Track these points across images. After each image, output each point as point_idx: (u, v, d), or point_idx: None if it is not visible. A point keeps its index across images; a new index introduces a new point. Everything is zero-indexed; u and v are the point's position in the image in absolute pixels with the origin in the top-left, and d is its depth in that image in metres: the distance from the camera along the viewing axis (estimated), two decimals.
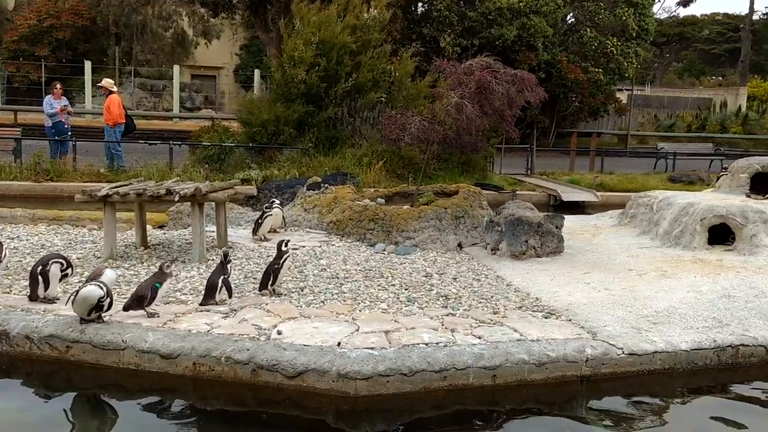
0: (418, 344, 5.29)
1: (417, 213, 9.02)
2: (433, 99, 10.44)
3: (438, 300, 6.61)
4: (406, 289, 6.92)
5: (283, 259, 6.57)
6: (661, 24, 52.15)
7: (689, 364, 5.61)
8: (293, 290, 6.71)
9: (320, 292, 6.68)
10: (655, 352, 5.51)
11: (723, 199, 9.36)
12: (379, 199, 10.04)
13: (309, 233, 9.58)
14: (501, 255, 8.47)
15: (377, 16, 16.46)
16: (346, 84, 15.58)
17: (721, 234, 8.79)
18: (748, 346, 5.79)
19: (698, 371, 5.62)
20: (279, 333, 5.45)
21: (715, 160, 21.22)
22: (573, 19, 28.25)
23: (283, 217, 9.66)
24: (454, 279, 7.43)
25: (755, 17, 55.71)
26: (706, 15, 61.96)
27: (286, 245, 6.72)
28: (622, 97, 31.20)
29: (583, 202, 15.05)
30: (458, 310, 6.30)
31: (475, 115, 8.77)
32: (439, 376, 5.02)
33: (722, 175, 10.98)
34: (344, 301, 6.46)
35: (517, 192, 15.30)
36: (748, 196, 9.62)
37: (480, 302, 6.59)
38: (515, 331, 5.70)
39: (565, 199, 14.89)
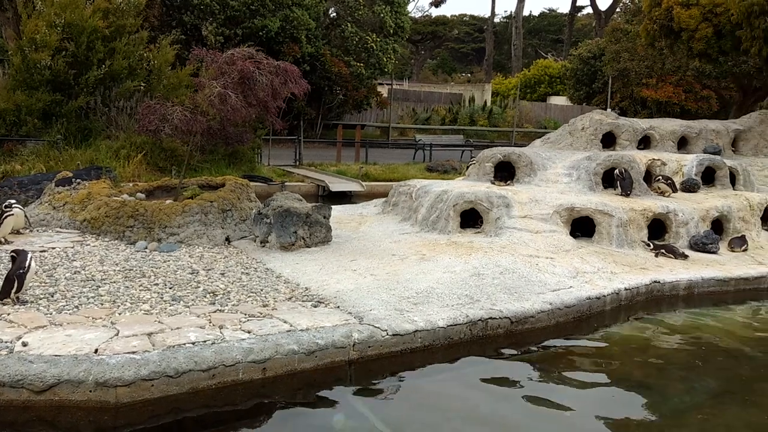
0: (185, 344, 5.08)
1: (181, 207, 8.66)
2: (196, 89, 10.06)
3: (205, 297, 6.41)
4: (170, 288, 6.61)
5: (27, 263, 5.92)
6: (416, 22, 55.53)
7: (446, 340, 6.04)
8: (41, 296, 6.09)
9: (74, 297, 6.14)
10: (416, 330, 5.86)
11: (472, 186, 10.21)
12: (138, 194, 9.48)
13: (59, 233, 8.76)
14: (270, 247, 8.44)
15: (132, 1, 15.48)
16: (98, 71, 14.45)
17: (471, 218, 9.58)
18: (495, 318, 6.38)
19: (454, 345, 6.09)
20: (24, 345, 4.92)
21: (466, 151, 23.07)
22: (335, 14, 29.00)
23: (26, 216, 8.73)
24: (222, 274, 7.26)
25: (496, 20, 61.66)
26: (455, 15, 67.22)
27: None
28: (383, 91, 32.75)
29: (350, 192, 15.55)
30: (227, 305, 6.16)
31: (240, 105, 8.62)
32: (208, 374, 4.88)
33: (471, 164, 11.97)
34: (102, 304, 6.00)
35: (286, 183, 15.37)
36: (492, 183, 10.59)
37: (249, 296, 6.51)
38: (285, 322, 5.71)
39: (333, 190, 15.26)
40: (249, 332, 5.41)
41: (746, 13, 14.81)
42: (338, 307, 6.24)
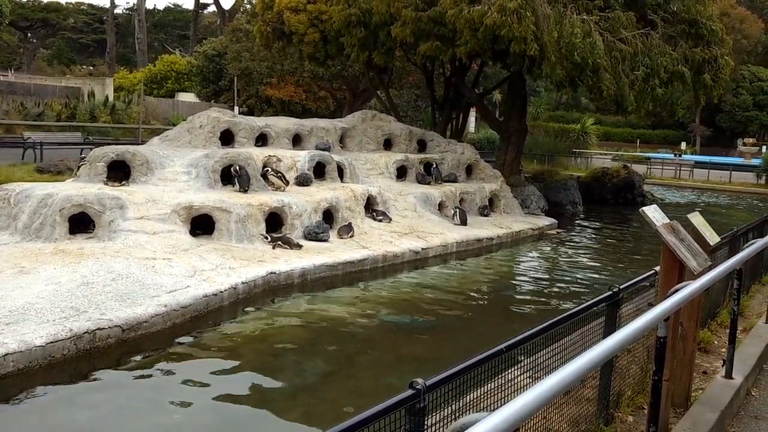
0: None
1: None
2: None
3: None
4: None
5: None
6: (22, 7, 49.88)
7: (47, 359, 5.49)
8: None
9: None
10: (7, 354, 5.21)
11: (82, 188, 9.47)
12: None
13: None
14: None
15: None
16: None
17: (82, 222, 8.89)
18: (104, 328, 6.01)
19: (57, 363, 5.56)
20: None
21: (86, 149, 21.46)
22: None
23: None
24: None
25: (118, 11, 58.54)
26: (71, 3, 61.88)
27: None
28: None
29: None
30: None
31: None
32: None
33: (82, 164, 11.12)
34: None
35: None
36: (106, 184, 9.97)
37: None
38: None
39: None
40: None
41: (346, 22, 16.39)
42: None
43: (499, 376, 2.97)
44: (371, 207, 12.05)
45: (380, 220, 11.83)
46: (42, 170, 16.65)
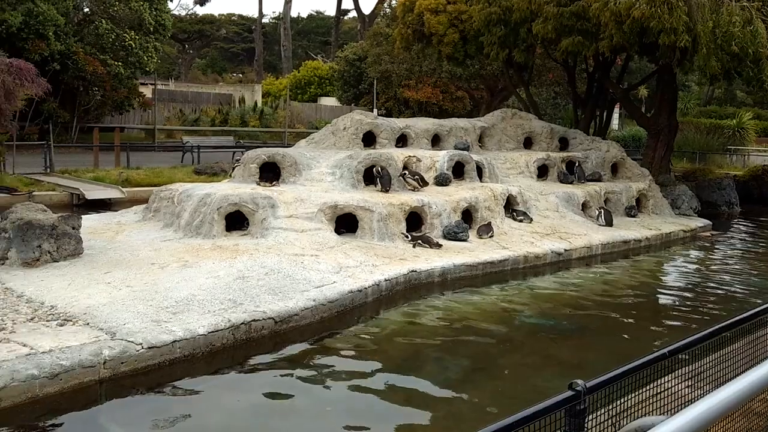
0: None
1: None
2: None
3: None
4: None
5: None
6: (181, 20, 53.70)
7: (208, 347, 5.89)
8: None
9: None
10: (175, 341, 5.64)
11: (237, 188, 10.07)
12: None
13: None
14: (11, 264, 7.61)
15: None
16: None
17: (237, 220, 9.45)
18: (258, 320, 6.36)
19: (217, 351, 5.96)
20: None
21: (237, 152, 22.76)
22: (87, 10, 26.97)
23: None
24: None
25: (265, 20, 61.58)
26: (223, 15, 65.86)
27: None
28: (147, 91, 31.14)
29: (110, 199, 14.57)
30: None
31: None
32: None
33: (236, 166, 11.81)
34: None
35: (35, 193, 13.99)
36: (258, 184, 10.54)
37: None
38: (24, 345, 5.19)
39: (89, 198, 14.19)
40: None
41: (486, 21, 16.29)
42: (88, 323, 5.80)
43: (655, 383, 2.85)
44: (511, 207, 11.90)
45: (521, 220, 11.65)
46: (199, 172, 17.87)
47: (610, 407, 2.54)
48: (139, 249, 8.52)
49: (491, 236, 10.73)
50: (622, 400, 2.58)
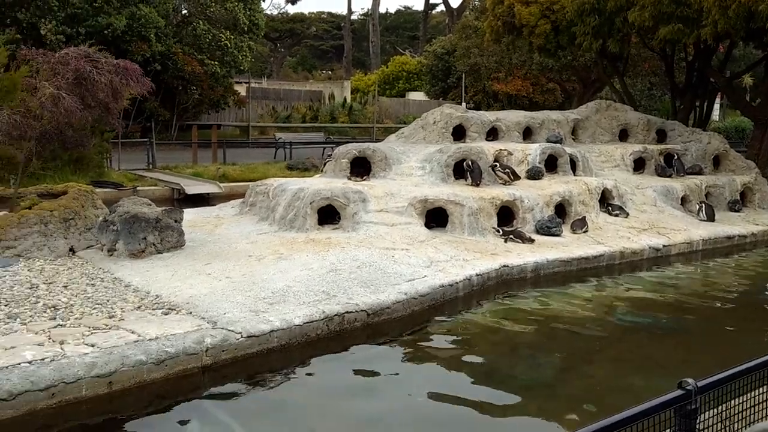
0: (19, 364, 4.74)
1: (17, 219, 8.05)
2: (34, 92, 9.37)
3: (45, 312, 6.01)
4: (5, 306, 6.14)
5: None
6: (272, 20, 54.93)
7: (303, 337, 6.04)
8: None
9: None
10: (272, 330, 5.81)
11: (328, 182, 10.24)
12: None
13: None
14: (119, 255, 8.05)
15: None
16: None
17: (329, 214, 9.62)
18: (351, 312, 6.46)
19: (312, 342, 6.09)
20: None
21: (327, 148, 23.15)
22: (186, 11, 28.08)
23: None
24: (65, 287, 6.83)
25: (354, 17, 62.25)
26: (313, 13, 67.02)
27: None
28: (241, 89, 32.13)
29: (208, 194, 15.15)
30: (69, 319, 5.81)
31: (75, 107, 8.12)
32: (46, 394, 4.58)
33: (327, 161, 12.01)
34: None
35: (139, 188, 14.72)
36: (349, 179, 10.68)
37: (95, 308, 6.17)
38: (133, 332, 5.47)
39: (188, 192, 14.80)
40: (93, 346, 5.14)
41: (579, 10, 15.87)
42: (191, 312, 6.06)
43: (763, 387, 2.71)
44: (606, 201, 11.56)
45: (616, 215, 11.30)
46: (291, 167, 18.30)
47: (721, 409, 2.43)
48: (236, 241, 8.81)
49: (586, 231, 10.46)
50: (735, 402, 2.47)
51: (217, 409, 4.96)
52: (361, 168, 11.03)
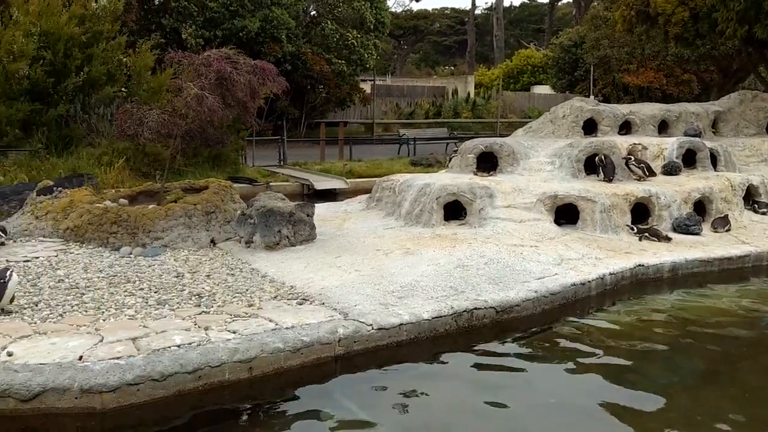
0: (170, 347, 5.08)
1: (164, 212, 8.63)
2: (179, 92, 10.01)
3: (191, 299, 6.40)
4: (155, 292, 6.60)
5: (8, 274, 5.90)
6: (397, 17, 55.55)
7: (432, 332, 6.07)
8: (26, 306, 6.07)
9: (58, 305, 6.12)
10: (402, 324, 5.88)
11: (454, 178, 10.23)
12: (121, 200, 9.43)
13: (43, 242, 8.71)
14: (255, 247, 8.43)
15: (107, 6, 15.37)
16: (77, 78, 14.34)
17: (455, 210, 9.60)
18: (480, 308, 6.42)
19: (440, 337, 6.11)
20: (9, 354, 4.91)
21: (450, 143, 23.10)
22: (314, 12, 28.92)
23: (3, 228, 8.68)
24: (208, 276, 7.24)
25: (477, 12, 61.71)
26: (436, 9, 67.33)
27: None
28: (366, 87, 32.70)
29: (335, 189, 15.54)
30: (212, 307, 6.16)
31: (217, 106, 8.58)
32: (194, 376, 4.88)
33: (453, 156, 11.99)
34: (86, 311, 5.98)
35: (271, 184, 15.34)
36: (475, 174, 10.62)
37: (235, 297, 6.51)
38: (270, 320, 5.71)
39: (317, 188, 15.25)
40: (234, 332, 5.42)
41: None
42: (323, 303, 6.25)
43: None
44: (752, 198, 10.82)
45: (763, 213, 10.56)
46: (415, 163, 18.43)
47: None
48: (364, 236, 8.99)
49: (728, 230, 9.84)
50: None
51: (349, 398, 5.08)
52: (487, 163, 10.93)
